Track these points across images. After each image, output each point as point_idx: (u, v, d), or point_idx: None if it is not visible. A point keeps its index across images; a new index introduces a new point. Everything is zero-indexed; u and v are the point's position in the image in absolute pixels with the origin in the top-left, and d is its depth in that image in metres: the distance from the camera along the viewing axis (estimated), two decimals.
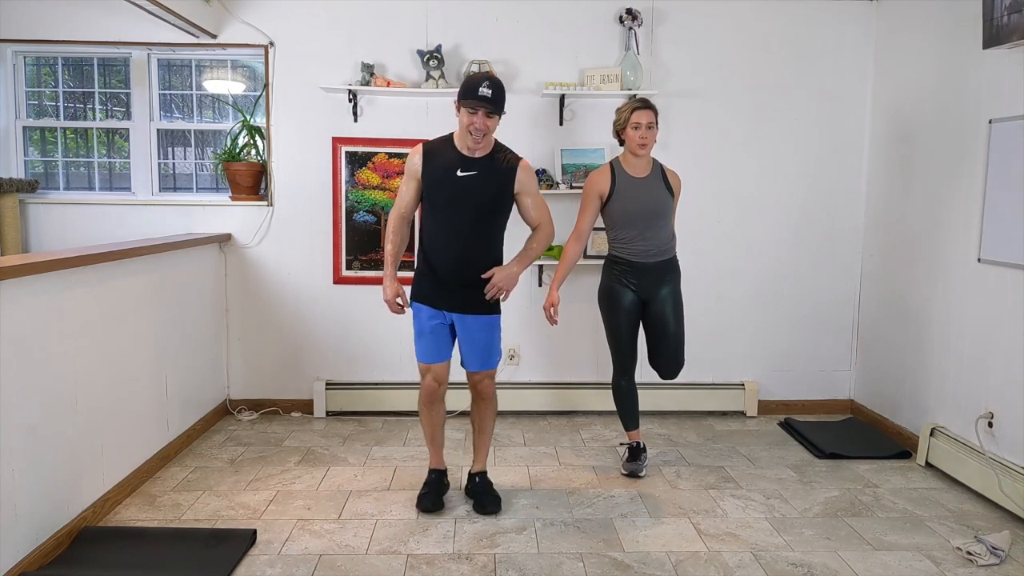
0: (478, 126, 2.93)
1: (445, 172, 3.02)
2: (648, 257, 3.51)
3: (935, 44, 3.88)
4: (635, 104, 3.50)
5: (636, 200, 3.48)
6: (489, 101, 2.90)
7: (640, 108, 3.47)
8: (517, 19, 4.42)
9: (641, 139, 3.46)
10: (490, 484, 3.33)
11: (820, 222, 4.58)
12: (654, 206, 3.50)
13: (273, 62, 4.39)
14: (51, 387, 2.79)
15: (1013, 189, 3.27)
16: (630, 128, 3.48)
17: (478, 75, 2.96)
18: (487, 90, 2.90)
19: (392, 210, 3.19)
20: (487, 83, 2.91)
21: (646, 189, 3.50)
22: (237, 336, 4.56)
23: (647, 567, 2.79)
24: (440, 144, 3.09)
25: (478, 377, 3.18)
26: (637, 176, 3.52)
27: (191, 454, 3.89)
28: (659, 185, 3.53)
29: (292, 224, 4.49)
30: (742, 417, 4.63)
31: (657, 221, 3.50)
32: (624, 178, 3.51)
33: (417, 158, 3.07)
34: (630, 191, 3.49)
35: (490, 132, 2.99)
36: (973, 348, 3.57)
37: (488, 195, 3.03)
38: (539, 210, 3.17)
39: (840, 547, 2.96)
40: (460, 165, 3.01)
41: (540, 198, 3.19)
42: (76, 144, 4.67)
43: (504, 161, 3.07)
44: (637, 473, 3.65)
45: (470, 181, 3.00)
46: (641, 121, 3.45)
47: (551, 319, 3.49)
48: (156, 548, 2.86)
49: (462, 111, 2.95)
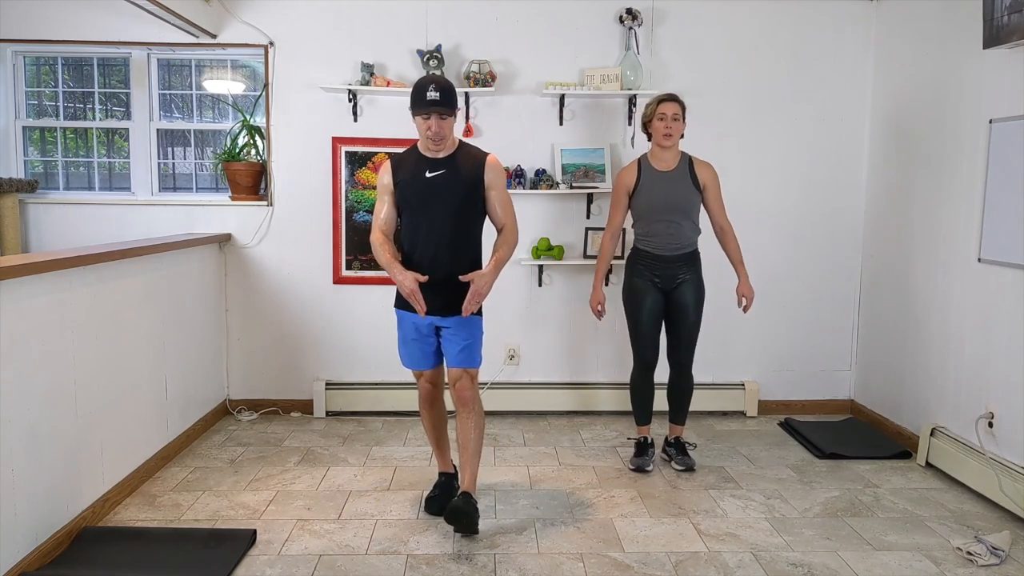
0: (434, 130, 2.92)
1: (414, 176, 3.02)
2: (671, 250, 3.57)
3: (935, 44, 3.88)
4: (661, 96, 3.56)
5: (660, 193, 3.55)
6: (438, 104, 2.88)
7: (666, 100, 3.54)
8: (517, 19, 4.42)
9: (666, 129, 3.51)
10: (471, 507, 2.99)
11: (820, 222, 4.58)
12: (678, 199, 3.55)
13: (273, 62, 4.39)
14: (51, 387, 2.79)
15: (1013, 189, 3.27)
16: (656, 119, 3.54)
17: (425, 79, 2.95)
18: (434, 93, 2.88)
19: (373, 231, 3.11)
20: (433, 86, 2.89)
21: (671, 183, 3.55)
22: (237, 336, 4.56)
23: (647, 567, 2.79)
24: (406, 154, 3.10)
25: (457, 374, 3.07)
26: (663, 170, 3.57)
27: (191, 454, 3.89)
28: (684, 179, 3.57)
29: (292, 224, 4.49)
30: (742, 417, 4.63)
31: (679, 215, 3.56)
32: (649, 172, 3.58)
33: (387, 175, 3.08)
34: (654, 185, 3.56)
35: (449, 133, 2.99)
36: (973, 348, 3.56)
37: (459, 191, 3.02)
38: (505, 209, 3.11)
39: (840, 547, 2.96)
40: (427, 167, 3.01)
41: (507, 196, 3.14)
42: (76, 144, 4.67)
43: (471, 157, 3.06)
44: (644, 468, 3.69)
45: (439, 180, 3.00)
46: (667, 112, 3.51)
47: (599, 315, 3.70)
48: (156, 548, 2.86)
49: (417, 119, 2.95)
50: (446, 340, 3.10)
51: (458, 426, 3.11)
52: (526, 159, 4.46)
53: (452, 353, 3.09)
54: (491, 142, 4.42)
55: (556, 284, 4.58)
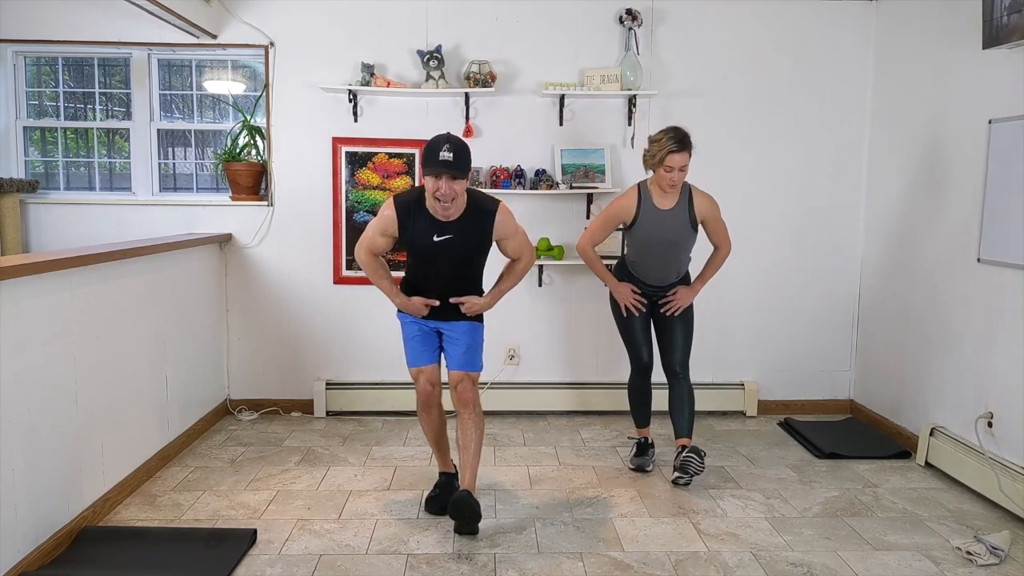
0: (444, 191, 2.78)
1: (420, 236, 2.94)
2: (660, 281, 3.57)
3: (935, 44, 3.88)
4: (671, 145, 3.30)
5: (656, 231, 3.48)
6: (451, 165, 2.75)
7: (676, 152, 3.30)
8: (517, 19, 4.42)
9: (671, 181, 3.37)
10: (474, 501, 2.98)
11: (820, 221, 4.58)
12: (673, 237, 3.49)
13: (273, 62, 4.39)
14: (51, 387, 2.79)
15: (1013, 189, 3.27)
16: (663, 169, 3.35)
17: (440, 138, 2.81)
18: (447, 153, 2.75)
19: (361, 248, 3.06)
20: (447, 146, 2.76)
21: (668, 221, 3.47)
22: (237, 336, 4.56)
23: (647, 567, 2.79)
24: (413, 203, 2.94)
25: (459, 376, 3.09)
26: (662, 208, 3.47)
27: (191, 454, 3.90)
28: (682, 218, 3.47)
29: (292, 224, 4.49)
30: (742, 417, 4.63)
31: (673, 250, 3.52)
32: (649, 208, 3.47)
33: (392, 223, 2.95)
34: (652, 223, 3.47)
35: (459, 196, 2.84)
36: (973, 348, 3.57)
37: (467, 250, 3.00)
38: (521, 248, 3.09)
39: (840, 547, 2.96)
40: (435, 230, 2.91)
41: (521, 237, 3.08)
42: (76, 144, 4.67)
43: (479, 212, 2.94)
44: (644, 467, 3.70)
45: (447, 243, 2.94)
46: (675, 165, 3.32)
47: (636, 306, 3.57)
48: (156, 548, 2.86)
49: (427, 179, 2.82)
50: (448, 342, 3.13)
51: (458, 427, 3.11)
52: (526, 159, 4.46)
53: (455, 355, 3.11)
54: (491, 142, 4.44)
55: (556, 284, 4.58)
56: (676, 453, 3.57)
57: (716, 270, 3.64)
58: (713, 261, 3.63)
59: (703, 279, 3.63)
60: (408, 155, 4.45)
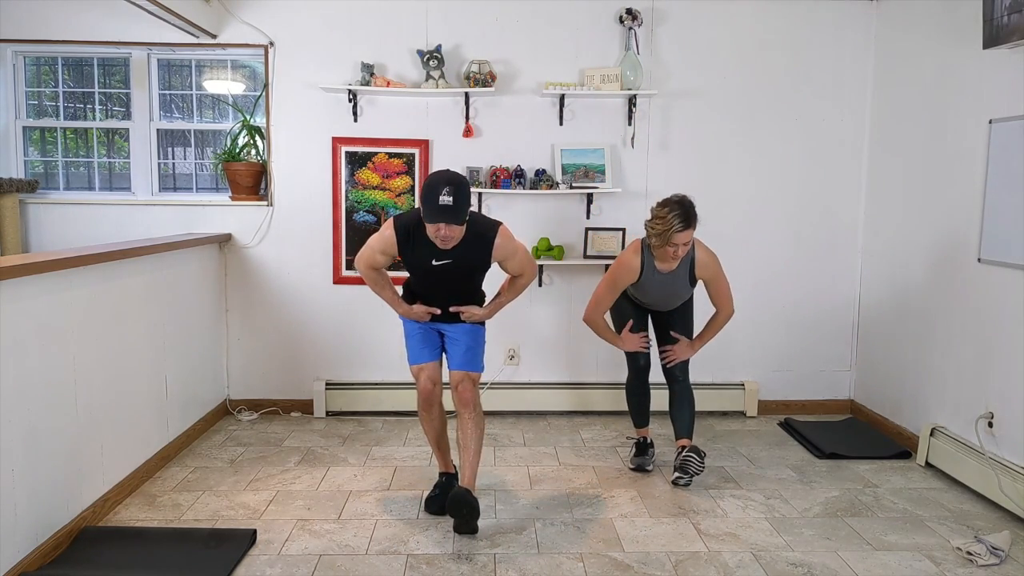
0: (444, 235, 2.79)
1: (420, 261, 2.97)
2: (662, 308, 3.65)
3: (935, 44, 3.88)
4: (678, 225, 3.21)
5: (655, 290, 3.52)
6: (451, 213, 2.73)
7: (680, 230, 3.22)
8: (517, 19, 4.42)
9: (676, 256, 3.33)
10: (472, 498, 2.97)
11: (820, 221, 4.58)
12: (672, 295, 3.55)
13: (273, 62, 4.39)
14: (51, 387, 2.79)
15: (1013, 189, 3.27)
16: (668, 245, 3.28)
17: (439, 178, 2.76)
18: (447, 198, 2.71)
19: (361, 261, 3.08)
20: (447, 189, 2.72)
21: (668, 281, 3.49)
22: (237, 336, 4.56)
23: (647, 567, 2.79)
24: (413, 227, 2.93)
25: (460, 376, 3.10)
26: (664, 271, 3.46)
27: (191, 454, 3.89)
28: (683, 280, 3.49)
29: (292, 224, 4.49)
30: (742, 417, 4.63)
31: (672, 302, 3.59)
32: (651, 270, 3.46)
33: (391, 245, 2.97)
34: (653, 283, 3.50)
35: (459, 236, 2.84)
36: (973, 348, 3.56)
37: (466, 271, 3.03)
38: (523, 266, 3.10)
39: (840, 547, 2.96)
40: (434, 255, 2.93)
41: (522, 256, 3.08)
42: (76, 144, 4.67)
43: (479, 237, 2.93)
44: (644, 467, 3.70)
45: (445, 267, 2.96)
46: (679, 243, 3.26)
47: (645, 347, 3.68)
48: (156, 548, 2.86)
49: (426, 222, 2.80)
50: (450, 343, 3.15)
51: (459, 426, 3.11)
52: (526, 159, 4.46)
53: (456, 356, 3.13)
54: (491, 142, 4.44)
55: (556, 284, 4.58)
56: (676, 453, 3.58)
57: (715, 334, 3.63)
58: (713, 323, 3.61)
59: (703, 340, 3.65)
60: (408, 155, 4.45)
